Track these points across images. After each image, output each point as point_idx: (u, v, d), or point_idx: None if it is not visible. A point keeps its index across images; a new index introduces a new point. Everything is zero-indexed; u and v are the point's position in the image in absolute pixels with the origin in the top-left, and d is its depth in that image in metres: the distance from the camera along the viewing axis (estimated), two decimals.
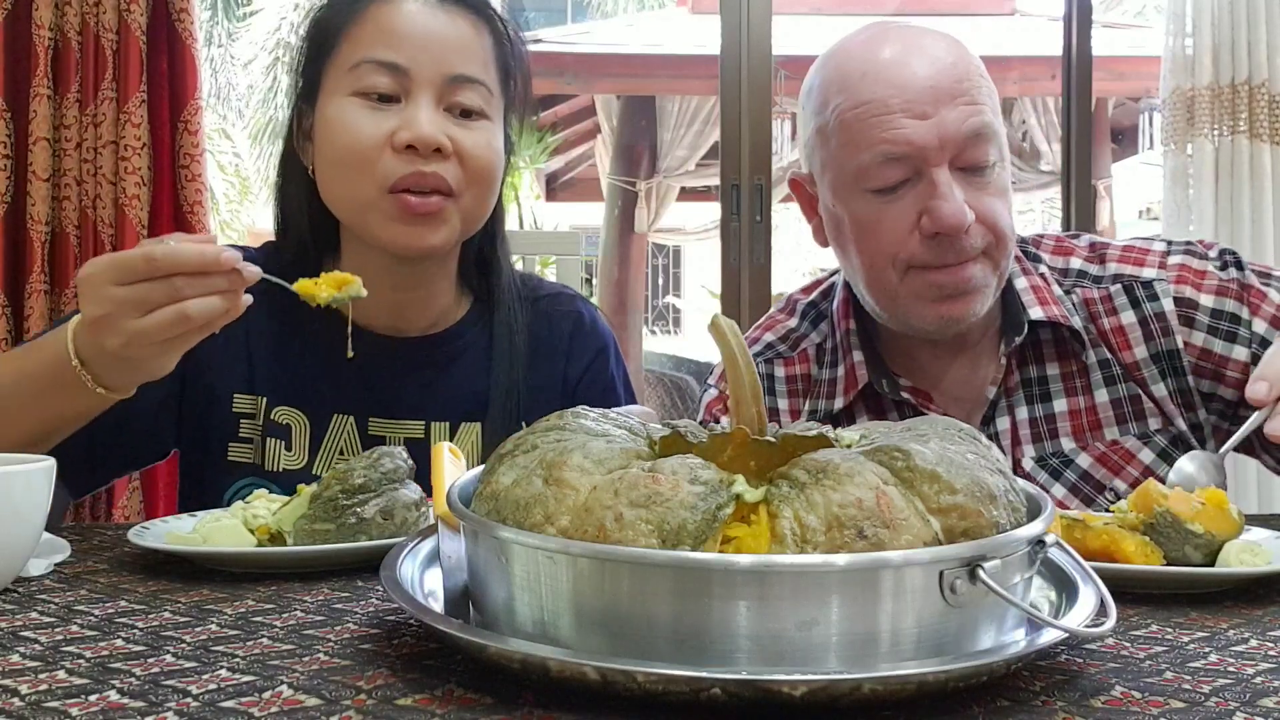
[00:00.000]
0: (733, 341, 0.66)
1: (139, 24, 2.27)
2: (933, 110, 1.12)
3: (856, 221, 1.18)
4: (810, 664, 0.53)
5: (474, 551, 0.63)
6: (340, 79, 1.13)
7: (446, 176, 1.11)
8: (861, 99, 1.14)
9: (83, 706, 0.55)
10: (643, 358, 6.86)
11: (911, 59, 1.14)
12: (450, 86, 1.13)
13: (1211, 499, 0.84)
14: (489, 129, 1.16)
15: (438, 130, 1.10)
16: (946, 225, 1.11)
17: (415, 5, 1.14)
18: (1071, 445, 1.22)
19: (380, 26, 1.13)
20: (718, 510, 0.57)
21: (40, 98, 2.24)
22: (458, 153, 1.12)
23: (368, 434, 1.20)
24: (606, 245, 6.93)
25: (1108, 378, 1.22)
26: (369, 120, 1.11)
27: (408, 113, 1.11)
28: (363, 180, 1.11)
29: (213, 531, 0.89)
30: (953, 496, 0.58)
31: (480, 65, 1.15)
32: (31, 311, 2.25)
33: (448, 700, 0.55)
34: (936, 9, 6.68)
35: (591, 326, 1.33)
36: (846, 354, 1.27)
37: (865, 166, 1.14)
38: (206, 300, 0.91)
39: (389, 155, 1.10)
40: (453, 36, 1.14)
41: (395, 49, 1.12)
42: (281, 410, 1.20)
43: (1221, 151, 2.76)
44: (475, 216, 1.18)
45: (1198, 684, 0.59)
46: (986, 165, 1.14)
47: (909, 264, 1.15)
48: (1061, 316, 1.21)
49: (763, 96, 2.67)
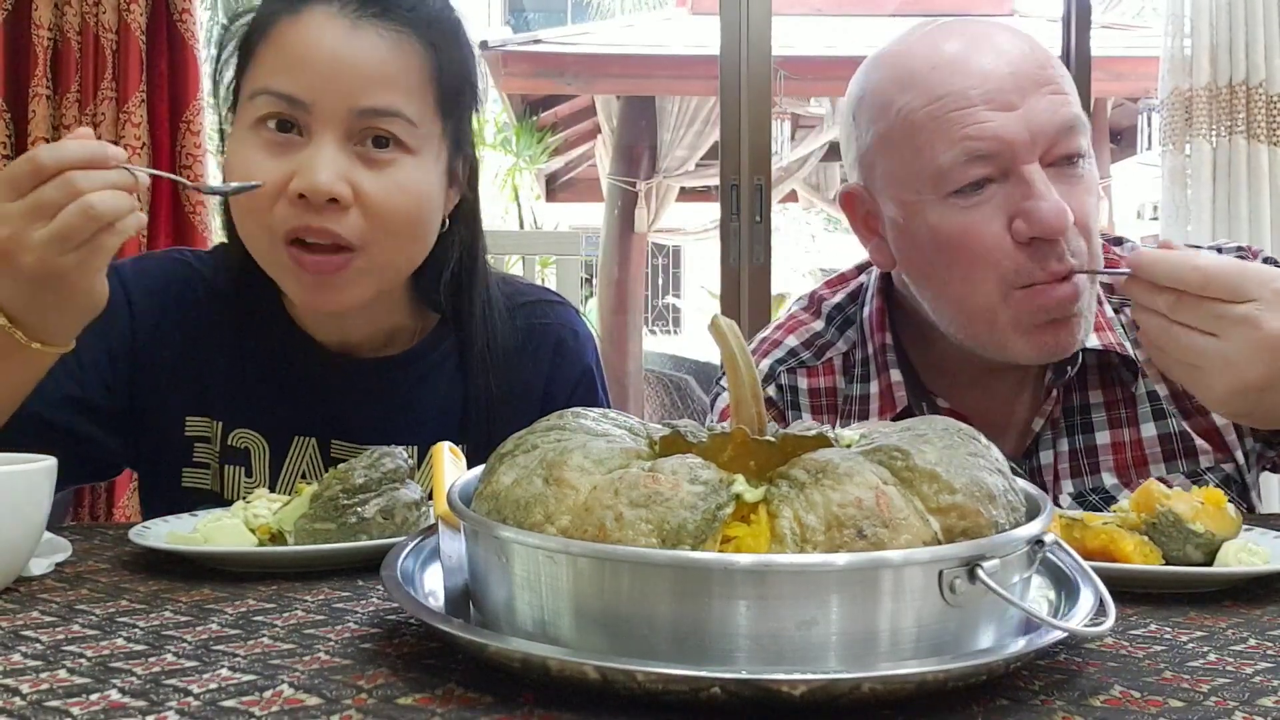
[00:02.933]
0: (733, 342, 0.67)
1: (139, 24, 2.27)
2: (1019, 100, 1.00)
3: (938, 234, 1.04)
4: (810, 663, 0.53)
5: (474, 551, 0.63)
6: (244, 106, 1.02)
7: (341, 230, 0.98)
8: (935, 94, 1.02)
9: (84, 706, 0.55)
10: (643, 358, 6.86)
11: (983, 48, 1.03)
12: (358, 122, 0.98)
13: (1210, 499, 0.84)
14: (409, 166, 1.01)
15: (334, 177, 0.96)
16: (1047, 227, 0.99)
17: (323, 26, 0.99)
18: (1114, 481, 1.12)
19: (283, 49, 0.99)
20: (718, 510, 0.57)
21: (40, 97, 2.24)
22: (360, 201, 0.98)
23: (330, 456, 1.13)
24: (606, 245, 6.93)
25: (1156, 410, 1.12)
26: (263, 162, 0.98)
27: (305, 155, 0.97)
28: (258, 229, 1.01)
29: (214, 531, 0.89)
30: (952, 496, 0.58)
31: (401, 92, 1.00)
32: None
33: (448, 699, 0.55)
34: (936, 9, 6.67)
35: (574, 345, 1.22)
36: (882, 371, 1.16)
37: (945, 168, 1.01)
38: (109, 193, 0.84)
39: (283, 203, 0.98)
40: (365, 62, 0.98)
41: (295, 78, 0.98)
42: (239, 433, 1.12)
43: (1220, 152, 2.76)
44: (394, 265, 1.05)
45: (1197, 683, 0.59)
46: (1078, 157, 1.03)
47: (1013, 283, 1.02)
48: (1116, 344, 1.11)
49: (762, 97, 2.68)
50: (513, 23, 14.87)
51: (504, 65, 6.35)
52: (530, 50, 6.55)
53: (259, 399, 1.12)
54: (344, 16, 1.00)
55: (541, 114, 8.60)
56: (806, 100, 7.15)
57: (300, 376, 1.12)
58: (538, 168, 9.90)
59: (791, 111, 6.98)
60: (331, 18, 0.99)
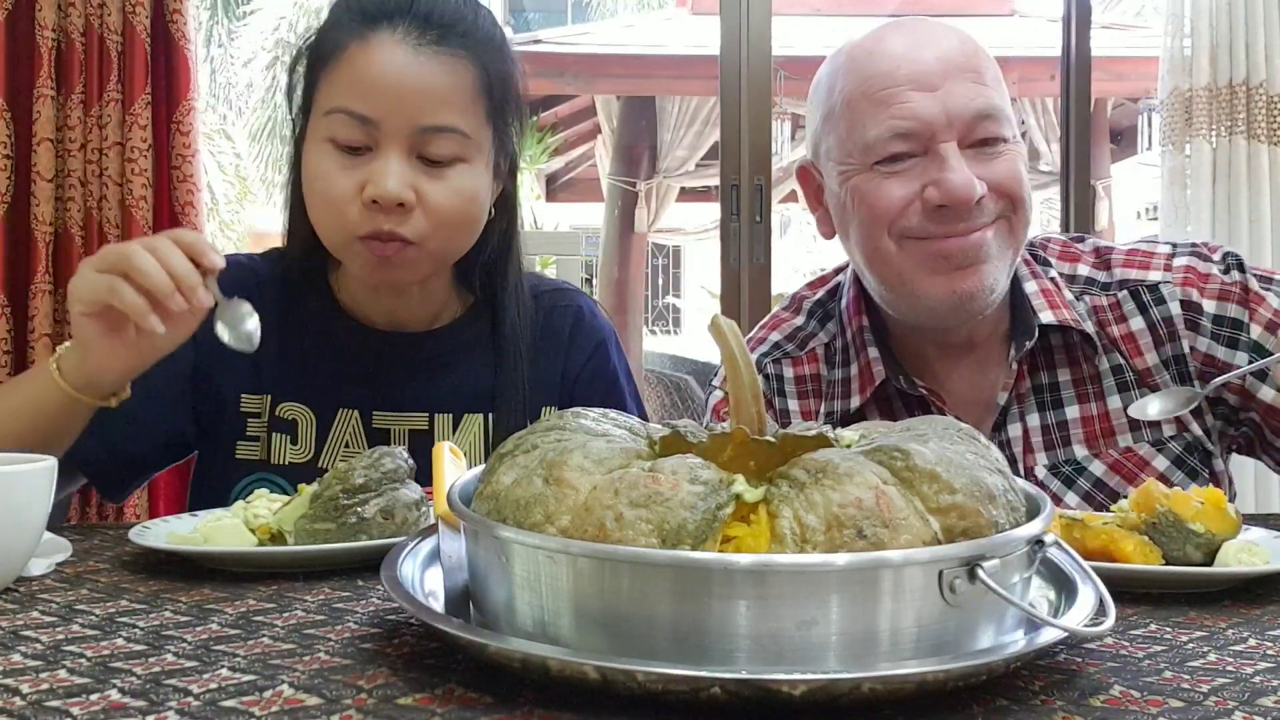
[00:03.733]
0: (732, 341, 0.67)
1: (144, 25, 2.27)
2: (940, 82, 1.10)
3: (857, 194, 1.15)
4: (810, 663, 0.53)
5: (474, 551, 0.63)
6: (318, 121, 1.16)
7: (405, 231, 1.13)
8: (865, 75, 1.13)
9: (84, 706, 0.55)
10: (643, 358, 6.86)
11: (919, 39, 1.14)
12: (421, 137, 1.13)
13: (1210, 498, 0.84)
14: (464, 173, 1.16)
15: (402, 186, 1.11)
16: (955, 197, 1.09)
17: (390, 53, 1.12)
18: (1084, 453, 1.19)
19: (355, 73, 1.13)
20: (717, 510, 0.57)
21: (44, 98, 2.24)
22: (422, 204, 1.13)
23: (372, 427, 1.24)
24: (606, 245, 6.93)
25: (1120, 384, 1.20)
26: (339, 172, 1.13)
27: (375, 165, 1.12)
28: (335, 227, 1.16)
29: (214, 531, 0.89)
30: (952, 496, 0.58)
31: (457, 111, 1.14)
32: (36, 312, 2.25)
33: (448, 699, 0.55)
34: (935, 9, 6.67)
35: (591, 320, 1.35)
36: (860, 351, 1.24)
37: (872, 142, 1.12)
38: (157, 266, 0.97)
39: (357, 207, 1.12)
40: (426, 85, 1.12)
41: (366, 100, 1.12)
42: (287, 406, 1.23)
43: (1220, 152, 2.76)
44: (447, 252, 1.20)
45: (1196, 683, 0.59)
46: (999, 139, 1.12)
47: (904, 234, 1.13)
48: (1073, 320, 1.19)
49: (762, 97, 2.67)
50: (513, 23, 14.86)
51: None
52: (530, 50, 6.54)
53: (307, 375, 1.24)
54: (407, 43, 1.13)
55: (541, 114, 8.60)
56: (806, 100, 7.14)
57: (346, 355, 1.25)
58: (538, 168, 9.90)
59: (791, 111, 6.96)
60: (397, 44, 1.13)
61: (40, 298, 2.25)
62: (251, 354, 1.18)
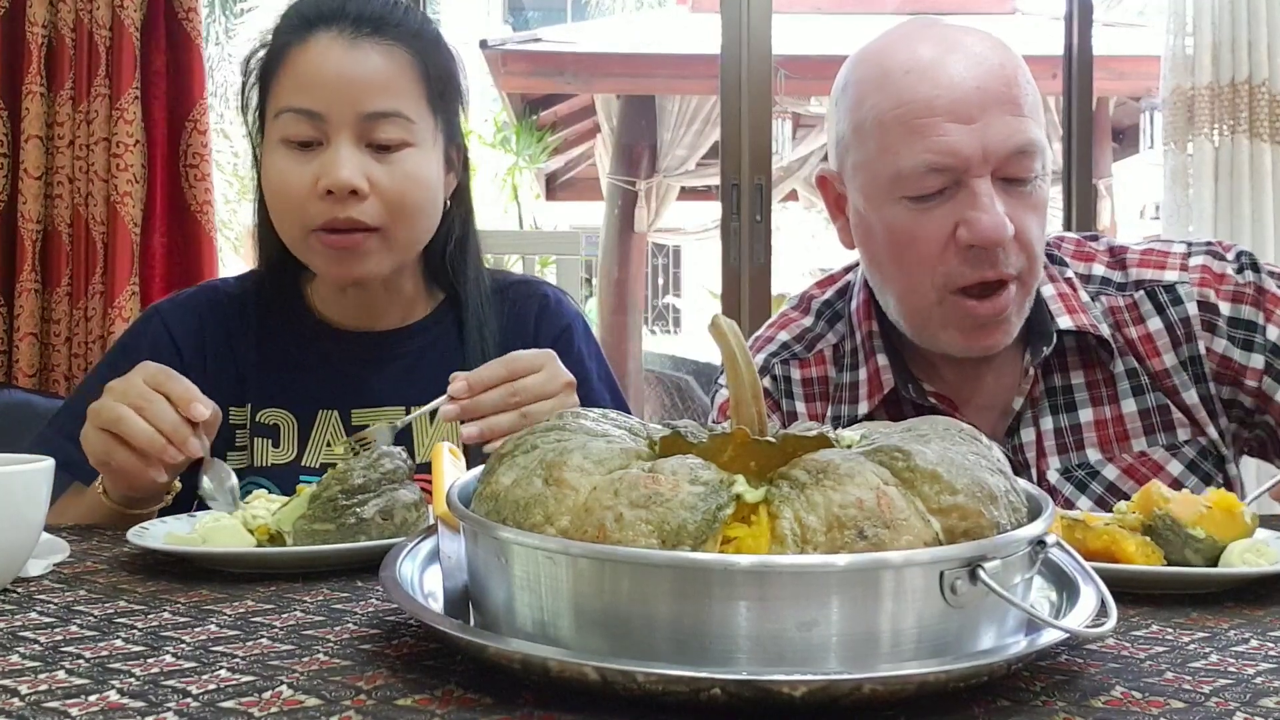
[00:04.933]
0: (733, 341, 0.66)
1: (133, 20, 2.27)
2: (978, 115, 1.07)
3: (890, 230, 1.13)
4: (810, 664, 0.53)
5: (474, 552, 0.63)
6: (271, 125, 1.20)
7: (363, 217, 1.16)
8: (903, 99, 1.09)
9: (82, 707, 0.54)
10: (642, 358, 6.86)
11: (955, 57, 1.10)
12: (367, 124, 1.16)
13: (1220, 502, 0.83)
14: (413, 157, 1.19)
15: (353, 172, 1.15)
16: (985, 238, 1.07)
17: (328, 48, 1.17)
18: (1098, 456, 1.18)
19: (297, 73, 1.18)
20: (718, 510, 0.57)
21: (34, 95, 2.24)
22: (376, 190, 1.17)
23: (351, 425, 1.27)
24: (606, 245, 6.93)
25: (1135, 387, 1.18)
26: (294, 169, 1.17)
27: (326, 156, 1.16)
28: (294, 224, 1.19)
29: (212, 532, 0.89)
30: (953, 497, 0.57)
31: (397, 96, 1.18)
32: (22, 310, 2.25)
33: (448, 700, 0.55)
34: (936, 8, 6.67)
35: (556, 307, 1.38)
36: (870, 357, 1.23)
37: (904, 173, 1.09)
38: (141, 424, 0.99)
39: (313, 200, 1.16)
40: (366, 73, 1.17)
41: (310, 95, 1.16)
42: (268, 412, 1.27)
43: (1222, 151, 2.76)
44: (409, 241, 1.23)
45: (1198, 684, 0.59)
46: (1029, 179, 1.11)
47: (947, 285, 1.11)
48: (1090, 325, 1.17)
49: (763, 96, 2.67)
50: (513, 22, 14.86)
51: (504, 64, 6.35)
52: (530, 49, 6.55)
53: (286, 381, 1.28)
54: (344, 37, 1.18)
55: (541, 113, 8.60)
56: (807, 100, 7.13)
57: (322, 358, 1.29)
58: (537, 167, 9.90)
59: (792, 111, 6.98)
60: (334, 40, 1.18)
61: (26, 296, 2.25)
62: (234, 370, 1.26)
